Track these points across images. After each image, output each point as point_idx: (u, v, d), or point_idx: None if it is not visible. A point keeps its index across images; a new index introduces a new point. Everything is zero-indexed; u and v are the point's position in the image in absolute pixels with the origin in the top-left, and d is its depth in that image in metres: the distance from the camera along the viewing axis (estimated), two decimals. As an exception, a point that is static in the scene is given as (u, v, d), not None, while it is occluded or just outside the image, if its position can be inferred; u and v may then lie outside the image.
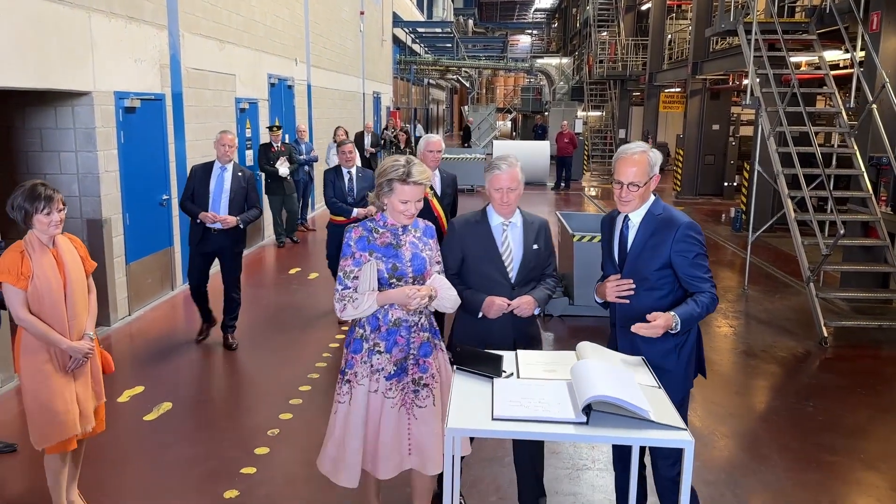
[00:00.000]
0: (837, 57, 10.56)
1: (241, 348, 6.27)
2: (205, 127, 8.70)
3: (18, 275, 3.22)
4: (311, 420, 4.87)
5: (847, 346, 6.70)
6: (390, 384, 3.07)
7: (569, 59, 33.59)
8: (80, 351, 3.36)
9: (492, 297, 3.26)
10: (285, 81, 12.02)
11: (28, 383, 3.32)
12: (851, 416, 5.12)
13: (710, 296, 2.98)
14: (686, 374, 3.11)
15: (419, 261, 3.07)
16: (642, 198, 3.05)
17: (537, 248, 3.40)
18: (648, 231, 3.05)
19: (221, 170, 5.95)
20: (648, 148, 3.06)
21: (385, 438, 3.06)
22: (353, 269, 3.01)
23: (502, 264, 3.34)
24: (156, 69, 7.54)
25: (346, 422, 3.09)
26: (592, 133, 26.44)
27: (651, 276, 3.03)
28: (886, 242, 7.41)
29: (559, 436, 2.39)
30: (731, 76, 16.44)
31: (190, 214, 5.91)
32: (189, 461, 4.26)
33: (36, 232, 3.29)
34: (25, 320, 3.25)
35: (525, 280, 3.38)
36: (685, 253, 2.99)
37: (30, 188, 3.26)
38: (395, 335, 3.06)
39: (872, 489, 4.15)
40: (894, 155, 7.41)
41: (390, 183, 2.97)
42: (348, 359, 3.13)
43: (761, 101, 8.63)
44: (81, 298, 3.43)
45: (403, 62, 28.35)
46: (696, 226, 3.06)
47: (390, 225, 3.07)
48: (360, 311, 2.97)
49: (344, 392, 3.12)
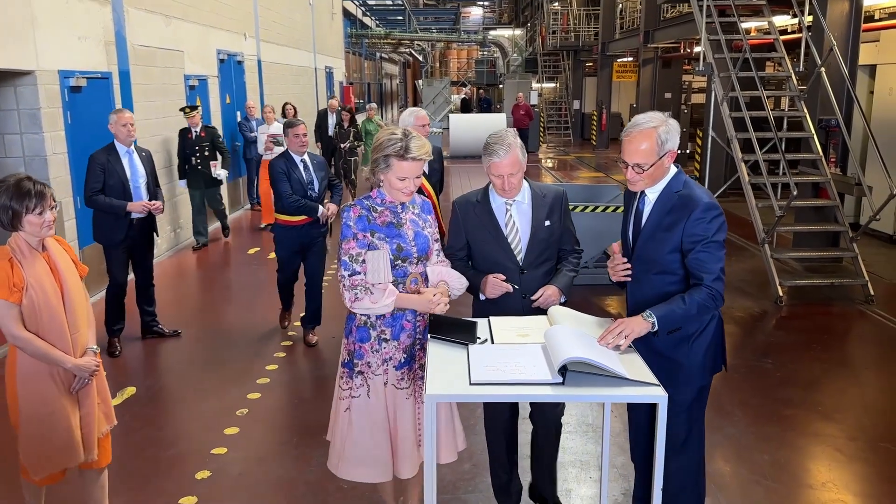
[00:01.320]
0: (786, 22, 10.75)
1: (203, 332, 6.17)
2: (154, 105, 8.47)
3: (10, 287, 2.75)
4: (280, 398, 4.84)
5: (801, 304, 6.91)
6: (401, 373, 2.90)
7: (521, 30, 33.56)
8: (87, 369, 2.94)
9: (487, 277, 3.03)
10: (235, 57, 11.74)
11: (29, 410, 2.88)
12: (807, 371, 5.30)
13: (709, 293, 2.61)
14: (701, 368, 2.80)
15: (422, 239, 2.89)
16: (653, 177, 2.71)
17: (550, 224, 3.09)
18: (664, 209, 2.73)
19: (128, 153, 5.43)
20: (663, 119, 2.67)
21: (405, 433, 2.90)
22: (360, 252, 2.78)
23: (507, 246, 3.07)
24: (101, 46, 7.28)
25: (368, 416, 2.89)
26: (548, 105, 26.53)
27: (662, 259, 2.73)
28: (836, 202, 7.63)
29: (537, 396, 2.42)
30: (682, 44, 16.64)
31: (108, 210, 5.29)
32: (157, 444, 4.20)
33: (24, 235, 2.83)
34: (21, 338, 2.79)
35: (537, 261, 3.09)
36: (696, 236, 2.65)
37: (15, 184, 2.79)
38: (402, 320, 2.88)
39: (830, 439, 4.32)
40: (842, 117, 7.61)
41: (387, 159, 2.74)
42: (355, 349, 2.91)
43: (714, 68, 8.74)
44: (81, 308, 3.00)
45: (355, 36, 27.94)
46: (716, 207, 2.68)
47: (388, 202, 2.86)
48: (377, 307, 2.76)
49: (358, 384, 2.90)
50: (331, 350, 5.47)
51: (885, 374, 5.38)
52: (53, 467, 2.95)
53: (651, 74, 17.46)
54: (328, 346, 5.69)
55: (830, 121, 7.84)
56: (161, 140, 8.61)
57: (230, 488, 3.77)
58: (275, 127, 9.98)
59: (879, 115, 9.32)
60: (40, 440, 2.89)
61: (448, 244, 3.22)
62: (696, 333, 2.77)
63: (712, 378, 2.90)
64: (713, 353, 2.82)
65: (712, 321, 2.80)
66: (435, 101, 28.77)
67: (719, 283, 2.63)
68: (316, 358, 5.51)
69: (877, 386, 5.18)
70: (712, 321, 2.80)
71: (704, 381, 2.84)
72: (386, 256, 2.78)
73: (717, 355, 2.85)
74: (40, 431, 2.89)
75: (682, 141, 16.96)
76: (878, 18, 9.24)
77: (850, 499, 3.70)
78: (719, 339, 2.84)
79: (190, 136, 8.61)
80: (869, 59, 9.39)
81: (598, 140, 21.51)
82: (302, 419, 4.55)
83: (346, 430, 2.92)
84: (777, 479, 3.85)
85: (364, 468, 2.92)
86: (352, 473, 2.95)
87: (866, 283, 6.98)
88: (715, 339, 2.82)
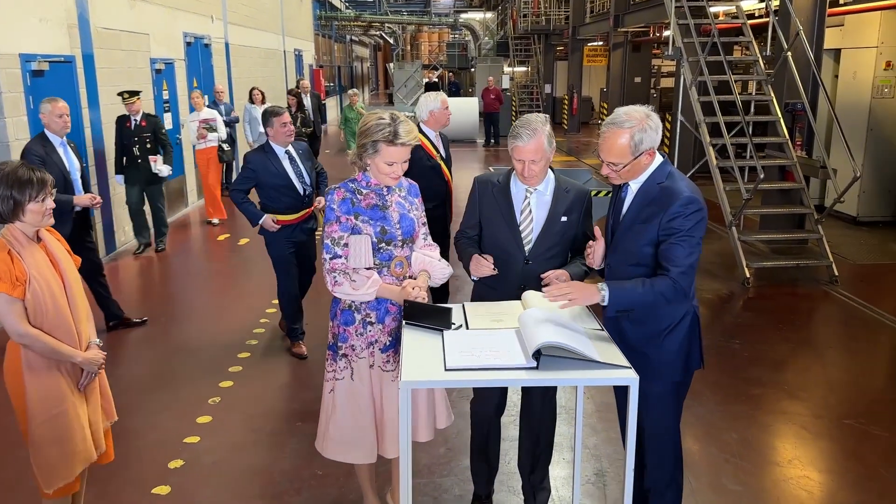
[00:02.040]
0: (753, 6, 10.84)
1: (176, 318, 6.11)
2: (119, 90, 8.28)
3: (13, 280, 2.59)
4: (253, 386, 4.81)
5: (768, 285, 7.04)
6: (387, 356, 2.91)
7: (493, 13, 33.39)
8: (96, 363, 2.82)
9: (477, 257, 2.95)
10: (202, 40, 11.54)
11: (41, 412, 2.69)
12: (774, 351, 5.42)
13: (672, 284, 2.54)
14: (672, 364, 2.74)
15: (408, 222, 2.88)
16: (631, 173, 2.66)
17: (566, 220, 2.98)
18: (645, 201, 2.67)
19: (62, 144, 5.22)
20: (642, 117, 2.57)
21: (391, 415, 2.89)
22: (343, 235, 2.78)
23: (518, 233, 2.98)
24: (63, 29, 7.10)
25: (351, 399, 2.90)
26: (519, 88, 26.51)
27: (638, 251, 2.68)
28: (802, 185, 7.77)
29: (511, 381, 2.44)
30: (651, 28, 16.71)
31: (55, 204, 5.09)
32: (129, 433, 4.15)
33: (21, 225, 2.67)
34: (29, 335, 2.63)
35: (545, 255, 2.99)
36: (671, 230, 2.59)
37: (11, 172, 2.64)
38: (386, 304, 2.88)
39: (796, 417, 4.42)
40: (808, 101, 7.73)
41: (375, 144, 2.71)
42: (339, 332, 2.93)
43: (683, 52, 8.81)
44: (82, 300, 2.86)
45: (324, 18, 27.60)
46: (697, 202, 2.60)
47: (374, 185, 2.83)
48: (358, 293, 2.77)
49: (342, 367, 2.92)
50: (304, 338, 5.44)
51: (848, 353, 5.53)
52: (70, 474, 2.78)
53: (621, 59, 17.53)
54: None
55: (796, 104, 7.96)
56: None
57: (204, 477, 3.75)
58: (205, 113, 9.44)
59: (844, 99, 9.49)
60: (56, 443, 2.72)
61: (462, 221, 3.18)
62: (668, 329, 2.71)
63: (690, 376, 2.83)
64: (686, 350, 2.75)
65: (686, 318, 2.72)
66: (406, 84, 28.58)
67: (684, 277, 2.55)
68: (288, 345, 5.48)
69: (840, 365, 5.31)
70: (686, 318, 2.72)
71: (677, 378, 2.77)
72: (368, 242, 2.77)
73: (693, 352, 2.77)
74: (55, 434, 2.72)
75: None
76: (843, 3, 9.37)
77: (814, 475, 3.80)
78: (694, 337, 2.76)
79: (129, 125, 7.58)
80: (834, 43, 9.53)
81: (569, 124, 21.58)
82: (275, 406, 4.54)
83: (330, 411, 2.96)
84: (745, 458, 3.94)
85: (347, 449, 2.95)
86: (336, 453, 2.97)
87: (831, 264, 7.13)
88: (689, 335, 2.74)
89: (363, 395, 2.92)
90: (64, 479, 2.77)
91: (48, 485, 2.75)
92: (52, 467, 2.73)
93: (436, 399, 3.06)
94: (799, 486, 3.69)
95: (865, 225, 9.25)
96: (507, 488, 3.59)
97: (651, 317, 2.70)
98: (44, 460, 2.72)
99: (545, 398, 3.24)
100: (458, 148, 17.69)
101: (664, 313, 2.71)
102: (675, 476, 2.96)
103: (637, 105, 2.68)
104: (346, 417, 2.93)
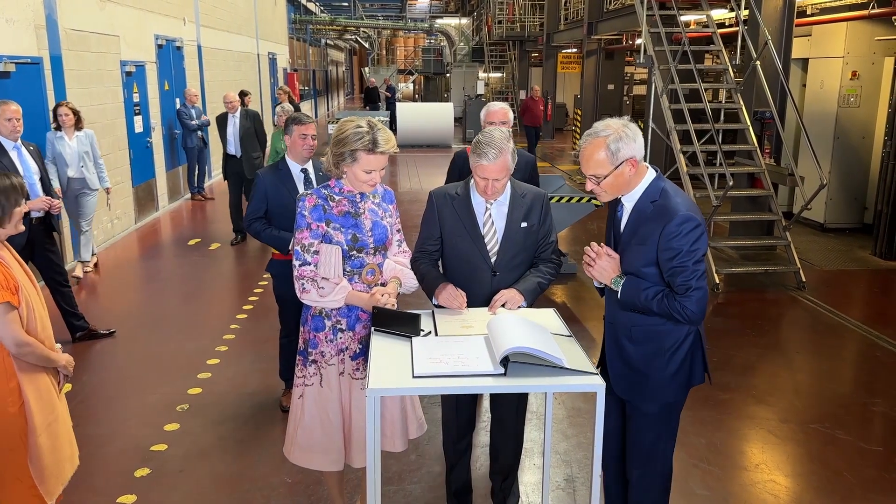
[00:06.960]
0: (724, 15, 11.00)
1: (145, 324, 6.02)
2: (89, 93, 8.17)
3: (11, 288, 2.51)
4: (222, 393, 4.76)
5: (736, 290, 7.14)
6: (357, 364, 2.89)
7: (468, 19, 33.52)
8: (72, 364, 2.80)
9: (445, 284, 2.93)
10: (174, 42, 11.42)
11: (41, 422, 2.61)
12: (742, 356, 5.48)
13: (678, 306, 2.49)
14: (671, 383, 2.66)
15: (380, 230, 2.86)
16: (615, 187, 2.57)
17: (527, 226, 2.97)
18: (640, 221, 2.59)
19: (16, 148, 5.09)
20: (618, 127, 2.51)
21: (360, 423, 2.86)
22: (312, 242, 2.76)
23: (483, 245, 2.97)
24: (30, 30, 6.98)
25: (319, 405, 2.88)
26: (494, 94, 26.62)
27: (638, 273, 2.60)
28: (770, 192, 7.89)
29: (479, 388, 2.43)
30: (624, 36, 16.86)
31: None
32: (95, 441, 4.08)
33: (1, 232, 2.63)
34: (29, 344, 2.56)
35: (511, 264, 2.98)
36: (671, 251, 2.50)
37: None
38: (357, 311, 2.86)
39: (764, 422, 4.48)
40: (776, 109, 7.86)
41: (354, 153, 2.68)
42: (309, 337, 2.91)
43: (654, 60, 8.91)
44: (43, 303, 2.78)
45: (299, 22, 27.48)
46: (693, 219, 2.49)
47: (347, 192, 2.81)
48: (325, 301, 2.76)
49: (311, 373, 2.90)
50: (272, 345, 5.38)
51: (815, 358, 5.61)
52: (63, 482, 2.71)
53: (594, 66, 17.67)
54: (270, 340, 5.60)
55: (765, 113, 8.09)
56: (100, 128, 8.30)
57: (171, 485, 3.70)
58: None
59: (811, 107, 9.66)
60: (51, 451, 2.67)
61: (420, 236, 3.13)
62: (673, 348, 2.64)
63: (686, 393, 2.73)
64: (688, 368, 2.68)
65: (689, 336, 2.65)
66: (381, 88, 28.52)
67: (688, 300, 2.50)
68: (258, 351, 5.43)
69: (807, 370, 5.39)
70: (689, 336, 2.65)
71: (669, 399, 2.69)
72: (339, 253, 2.76)
73: (693, 369, 2.69)
74: (52, 442, 2.67)
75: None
76: (811, 14, 9.55)
77: (781, 479, 3.85)
78: (696, 354, 2.68)
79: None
80: (802, 52, 9.71)
81: (543, 130, 21.69)
82: (244, 413, 4.48)
83: (298, 417, 2.93)
84: (713, 462, 3.97)
85: (314, 455, 2.92)
86: (303, 459, 2.95)
87: (798, 270, 7.24)
88: (690, 354, 2.66)
89: (332, 402, 2.90)
90: (58, 489, 2.72)
91: (51, 495, 2.67)
92: (49, 478, 2.68)
93: (407, 408, 3.05)
94: (766, 491, 3.73)
95: (832, 231, 9.41)
96: (478, 494, 3.58)
97: (654, 335, 2.63)
98: (43, 472, 2.65)
99: (516, 404, 3.23)
100: (434, 153, 17.70)
101: (667, 332, 2.63)
102: (663, 497, 2.89)
103: (615, 117, 2.64)
104: (315, 424, 2.91)
